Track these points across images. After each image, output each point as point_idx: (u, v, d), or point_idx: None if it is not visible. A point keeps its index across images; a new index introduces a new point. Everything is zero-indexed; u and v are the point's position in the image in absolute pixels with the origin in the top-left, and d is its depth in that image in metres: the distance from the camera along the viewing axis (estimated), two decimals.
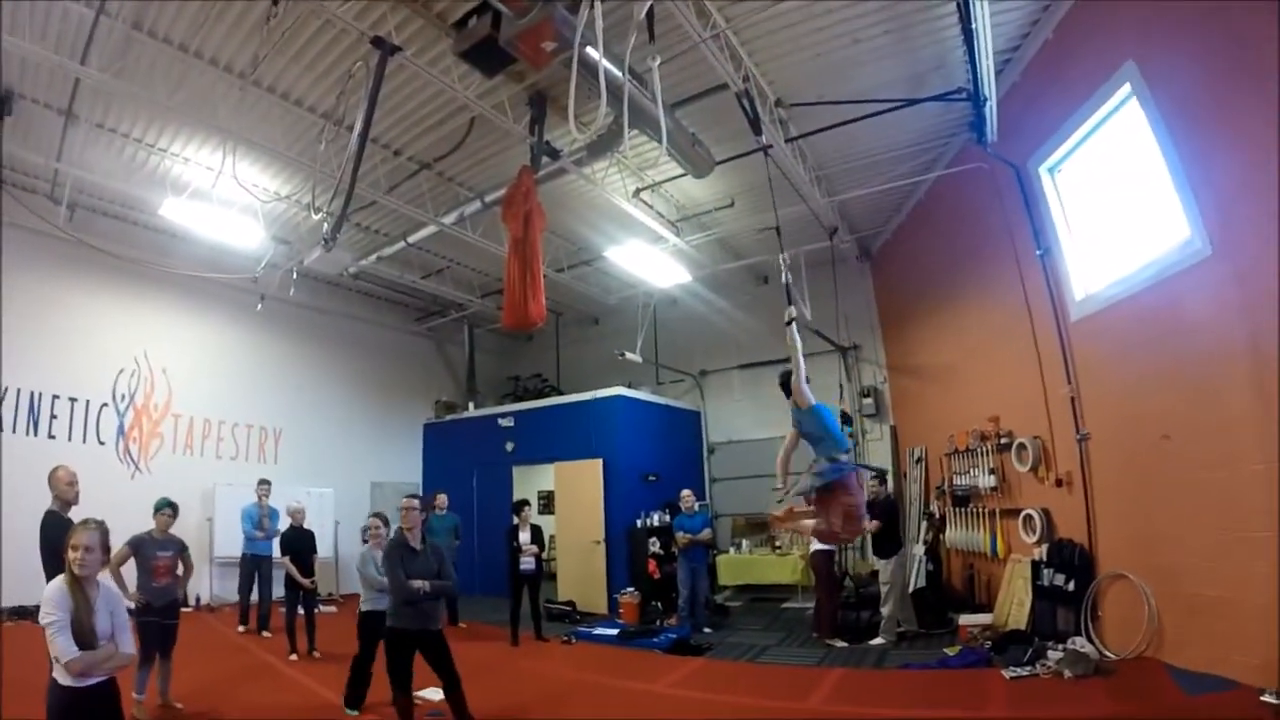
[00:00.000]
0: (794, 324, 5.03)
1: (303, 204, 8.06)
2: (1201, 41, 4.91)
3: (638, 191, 8.85)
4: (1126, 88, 5.56)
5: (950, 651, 6.99)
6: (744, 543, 11.46)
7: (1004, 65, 6.96)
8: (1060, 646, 6.08)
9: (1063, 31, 6.35)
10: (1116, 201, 6.24)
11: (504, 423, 12.46)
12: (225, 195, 8.19)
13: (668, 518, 10.34)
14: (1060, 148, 6.67)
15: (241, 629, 8.34)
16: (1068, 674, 5.58)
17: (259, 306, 9.95)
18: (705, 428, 13.38)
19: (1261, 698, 4.22)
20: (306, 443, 11.76)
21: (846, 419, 8.45)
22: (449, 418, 13.68)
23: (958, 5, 5.59)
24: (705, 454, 13.27)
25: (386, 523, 6.49)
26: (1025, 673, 5.82)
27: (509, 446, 12.26)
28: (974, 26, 5.43)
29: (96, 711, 3.22)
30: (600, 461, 10.73)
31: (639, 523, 10.40)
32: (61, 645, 3.04)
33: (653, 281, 10.87)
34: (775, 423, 10.84)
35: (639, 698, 6.18)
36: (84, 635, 3.12)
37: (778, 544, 10.93)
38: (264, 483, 8.82)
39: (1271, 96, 4.37)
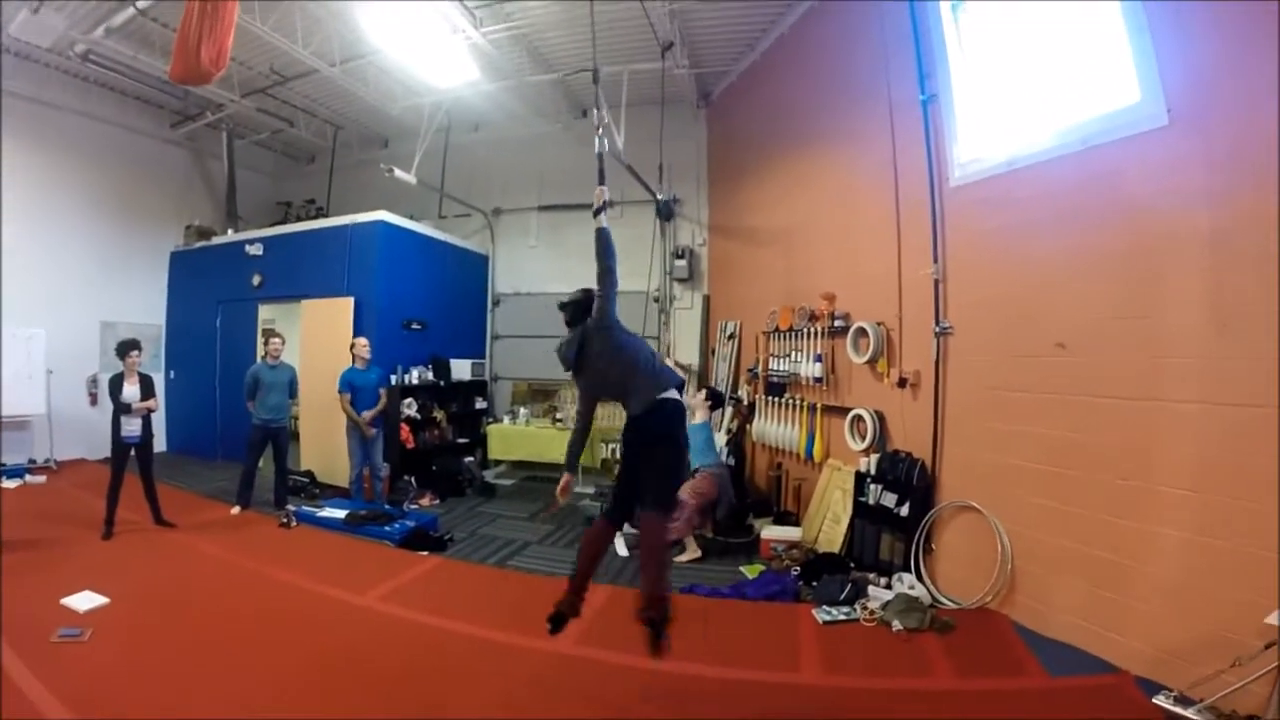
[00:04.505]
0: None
1: None
2: None
3: None
4: None
5: (749, 573, 6.16)
6: (522, 411, 10.67)
7: None
8: (885, 583, 5.42)
9: None
10: (1034, 50, 5.22)
11: (252, 250, 10.68)
12: None
13: (430, 375, 9.60)
14: None
15: None
16: (897, 625, 4.83)
17: None
18: (493, 275, 12.25)
19: (1154, 699, 3.66)
20: (12, 270, 9.42)
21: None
22: (199, 245, 11.56)
23: None
24: (490, 305, 11.98)
25: None
26: (842, 615, 5.04)
27: (256, 280, 10.58)
28: None
29: None
30: (352, 301, 9.35)
31: (393, 379, 9.12)
32: None
33: (436, 81, 9.40)
34: (572, 276, 10.69)
35: (331, 619, 4.92)
36: None
37: (559, 416, 10.19)
38: None
39: None
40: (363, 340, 8.39)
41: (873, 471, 6.25)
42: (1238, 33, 3.78)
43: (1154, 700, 3.65)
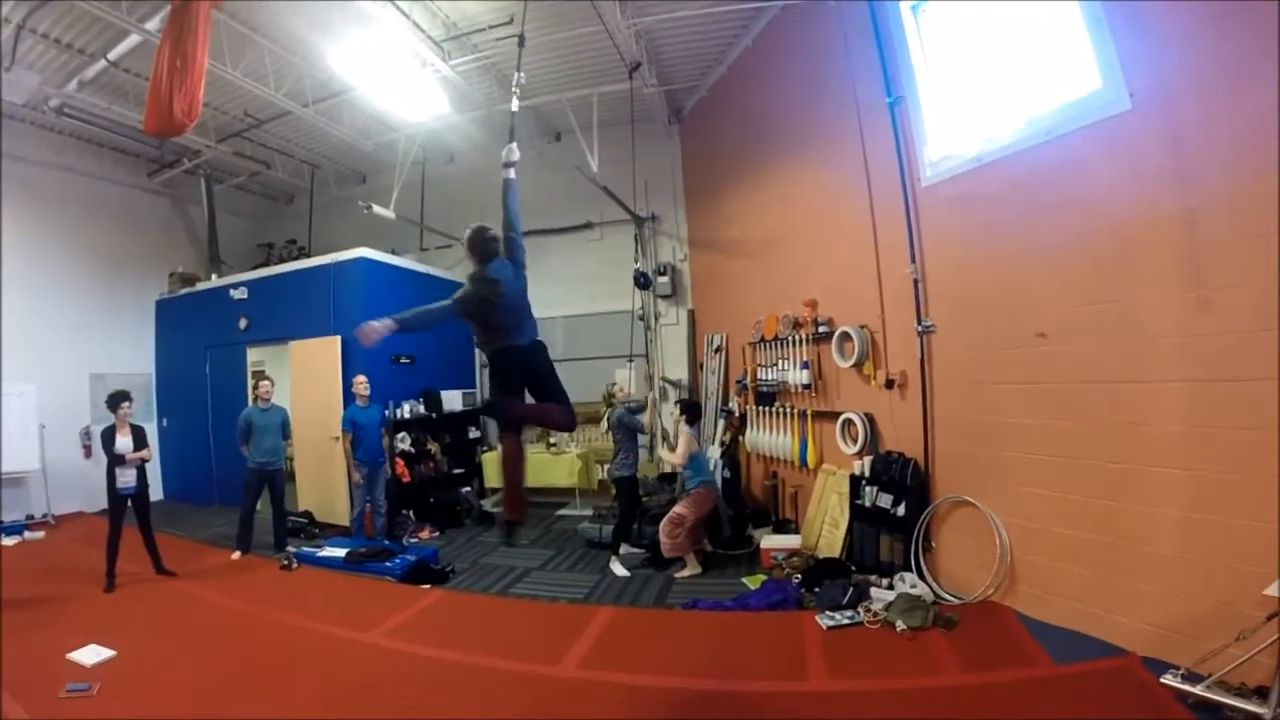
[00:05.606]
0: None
1: None
2: None
3: None
4: None
5: (751, 584, 6.10)
6: None
7: None
8: (886, 583, 5.45)
9: None
10: (994, 44, 5.28)
11: (236, 295, 10.69)
12: None
13: (422, 409, 9.64)
14: None
15: None
16: (900, 625, 4.79)
17: None
18: None
19: (1162, 679, 3.62)
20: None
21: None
22: (184, 292, 11.57)
23: None
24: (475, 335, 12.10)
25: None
26: (846, 620, 4.99)
27: (242, 324, 10.56)
28: None
29: None
30: (339, 339, 9.26)
31: (385, 415, 9.01)
32: None
33: (408, 116, 9.48)
34: (557, 301, 10.15)
35: (337, 658, 4.85)
36: None
37: (552, 441, 10.20)
38: None
39: None
40: (362, 378, 8.39)
41: (867, 474, 6.24)
42: (1196, 14, 3.82)
43: (1162, 679, 3.63)
